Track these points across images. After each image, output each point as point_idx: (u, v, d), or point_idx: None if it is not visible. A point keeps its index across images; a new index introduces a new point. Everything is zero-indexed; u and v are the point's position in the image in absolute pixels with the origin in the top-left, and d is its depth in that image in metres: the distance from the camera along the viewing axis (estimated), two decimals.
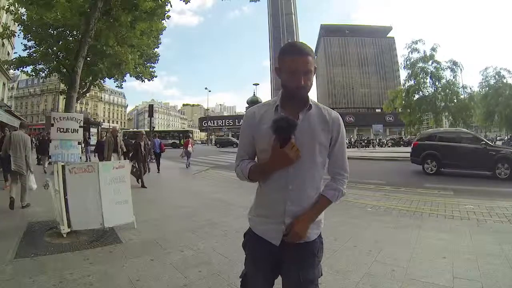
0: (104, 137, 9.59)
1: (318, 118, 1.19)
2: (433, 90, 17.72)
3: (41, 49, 12.43)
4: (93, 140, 17.55)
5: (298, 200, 1.16)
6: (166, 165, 12.71)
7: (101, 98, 71.55)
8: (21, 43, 13.19)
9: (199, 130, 76.24)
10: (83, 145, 11.12)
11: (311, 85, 1.14)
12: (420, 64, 17.96)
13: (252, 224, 1.27)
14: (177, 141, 38.85)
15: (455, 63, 17.74)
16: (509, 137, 25.89)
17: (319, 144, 1.16)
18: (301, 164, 1.12)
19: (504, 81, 23.74)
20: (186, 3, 9.87)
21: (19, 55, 12.93)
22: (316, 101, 1.25)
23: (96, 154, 10.90)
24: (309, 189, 1.18)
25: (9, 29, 12.42)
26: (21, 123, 7.88)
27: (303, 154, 1.10)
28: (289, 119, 1.05)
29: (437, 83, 17.56)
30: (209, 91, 51.86)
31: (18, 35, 12.91)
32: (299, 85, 1.11)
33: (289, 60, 1.12)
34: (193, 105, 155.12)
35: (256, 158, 1.26)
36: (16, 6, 10.47)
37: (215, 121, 65.74)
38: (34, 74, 13.43)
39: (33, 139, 15.96)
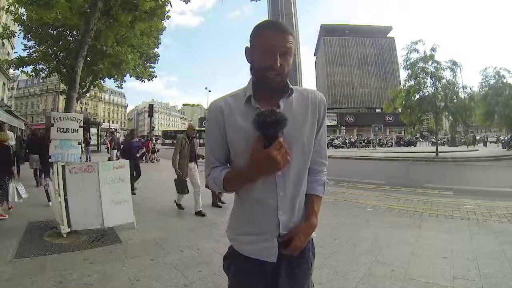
0: (130, 136, 7.54)
1: (302, 104, 1.00)
2: (433, 90, 17.70)
3: (41, 49, 12.42)
4: (93, 140, 17.55)
5: (291, 207, 0.97)
6: (167, 165, 12.66)
7: (101, 98, 71.54)
8: (21, 43, 13.15)
9: None
10: (83, 145, 11.05)
11: (289, 71, 0.94)
12: (420, 64, 17.94)
13: (237, 245, 1.01)
14: None
15: (455, 63, 17.71)
16: (509, 137, 25.87)
17: (307, 136, 0.98)
18: (291, 163, 0.91)
19: (504, 81, 23.74)
20: (186, 3, 9.89)
21: (19, 55, 12.93)
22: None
23: (120, 156, 8.36)
24: (301, 192, 1.00)
25: (9, 29, 12.43)
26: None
27: (292, 153, 0.90)
28: (277, 112, 0.84)
29: (437, 83, 17.53)
30: (209, 91, 51.70)
31: (18, 35, 12.90)
32: (274, 66, 0.90)
33: (264, 36, 0.92)
34: (193, 105, 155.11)
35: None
36: (16, 6, 10.48)
37: None
38: (34, 74, 13.41)
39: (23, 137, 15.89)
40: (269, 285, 1.01)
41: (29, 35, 12.08)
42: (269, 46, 0.90)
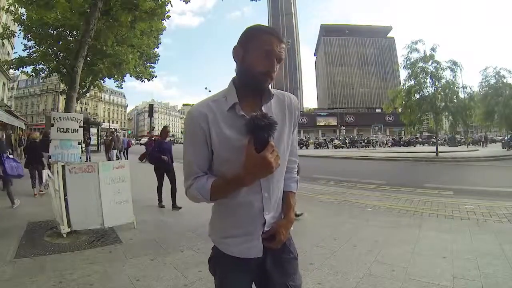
0: (163, 134, 5.56)
1: (280, 108, 1.01)
2: (433, 90, 17.70)
3: (41, 49, 12.42)
4: (93, 140, 17.56)
5: (274, 206, 1.02)
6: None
7: (101, 98, 71.58)
8: (21, 43, 13.12)
9: None
10: (83, 145, 11.01)
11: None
12: (420, 64, 17.93)
13: (225, 248, 1.03)
14: None
15: (455, 63, 17.70)
16: (509, 137, 25.87)
17: (286, 139, 1.01)
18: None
19: (504, 81, 23.73)
20: (186, 3, 9.89)
21: (19, 55, 12.93)
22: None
23: (149, 160, 7.07)
24: (281, 191, 1.05)
25: (9, 29, 12.44)
26: None
27: None
28: (268, 117, 0.84)
29: (437, 83, 17.53)
30: (209, 91, 51.59)
31: (18, 35, 12.90)
32: (270, 70, 0.91)
33: (265, 41, 0.90)
34: (193, 105, 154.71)
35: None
36: (16, 6, 10.48)
37: None
38: (34, 74, 13.42)
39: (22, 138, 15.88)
40: (256, 278, 1.05)
41: (29, 35, 12.08)
42: (270, 52, 0.90)
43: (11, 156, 5.34)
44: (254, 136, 0.84)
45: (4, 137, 11.38)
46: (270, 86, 0.97)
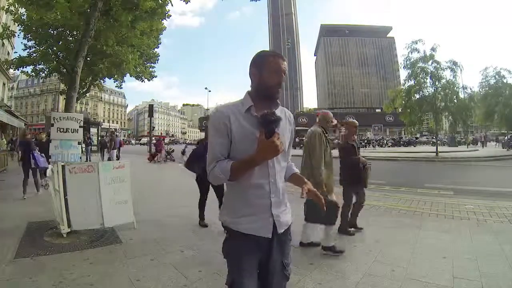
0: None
1: (283, 116, 1.30)
2: (433, 90, 17.70)
3: (41, 49, 12.41)
4: (93, 141, 17.57)
5: (277, 191, 1.26)
6: (169, 165, 12.70)
7: (101, 98, 71.56)
8: (21, 43, 13.14)
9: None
10: (83, 145, 10.99)
11: None
12: (420, 64, 17.93)
13: (237, 226, 1.24)
14: None
15: (455, 63, 17.70)
16: (509, 137, 25.87)
17: (287, 139, 1.32)
18: (277, 157, 1.22)
19: (504, 81, 23.73)
20: (186, 3, 9.89)
21: (19, 55, 12.92)
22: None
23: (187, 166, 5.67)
24: (282, 181, 1.31)
25: (9, 29, 12.42)
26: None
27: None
28: (275, 114, 1.13)
29: (437, 83, 17.53)
30: (209, 91, 51.81)
31: (18, 35, 12.90)
32: (281, 82, 1.25)
33: (274, 60, 1.24)
34: (193, 105, 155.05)
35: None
36: (16, 6, 10.48)
37: None
38: (34, 74, 13.40)
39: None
40: (263, 257, 1.26)
41: (29, 35, 12.07)
42: (280, 69, 1.24)
43: (38, 152, 6.20)
44: (265, 127, 1.11)
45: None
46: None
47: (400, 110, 21.80)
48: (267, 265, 1.27)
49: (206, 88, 57.83)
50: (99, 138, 19.04)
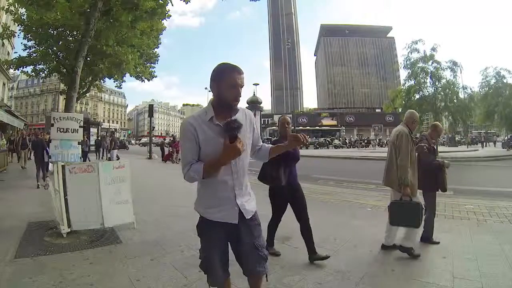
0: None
1: (243, 118, 1.49)
2: (433, 90, 17.71)
3: (41, 49, 12.39)
4: (93, 141, 17.57)
5: (240, 184, 1.48)
6: (170, 166, 12.69)
7: (101, 98, 71.47)
8: (21, 43, 13.08)
9: None
10: (83, 146, 10.93)
11: None
12: (420, 64, 17.95)
13: (208, 215, 1.49)
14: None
15: (455, 63, 17.73)
16: (509, 137, 25.87)
17: (248, 138, 1.52)
18: (240, 157, 1.41)
19: (504, 81, 23.75)
20: (186, 3, 9.87)
21: (19, 55, 12.91)
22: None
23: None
24: (246, 174, 1.53)
25: (9, 29, 12.40)
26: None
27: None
28: (237, 121, 1.34)
29: (437, 83, 17.55)
30: (209, 91, 51.37)
31: (18, 35, 12.88)
32: (238, 97, 1.42)
33: (230, 76, 1.39)
34: (193, 105, 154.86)
35: None
36: (16, 6, 10.46)
37: None
38: (34, 74, 13.39)
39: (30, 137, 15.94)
40: (231, 239, 1.53)
41: (29, 35, 12.05)
42: (236, 84, 1.39)
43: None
44: (228, 133, 1.33)
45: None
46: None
47: (400, 110, 21.82)
48: (240, 247, 1.51)
49: (206, 88, 57.67)
50: (97, 138, 19.13)
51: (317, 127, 52.73)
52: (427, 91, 17.95)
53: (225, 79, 1.38)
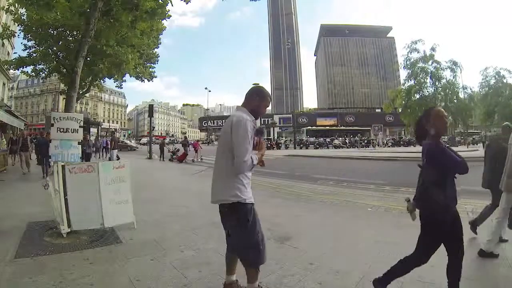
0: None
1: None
2: (433, 90, 17.73)
3: (41, 49, 12.40)
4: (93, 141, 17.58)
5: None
6: (170, 165, 12.68)
7: (101, 98, 71.47)
8: (21, 43, 13.10)
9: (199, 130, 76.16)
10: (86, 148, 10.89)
11: None
12: (420, 64, 17.95)
13: (251, 200, 1.91)
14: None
15: (455, 63, 17.74)
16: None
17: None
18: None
19: (504, 81, 23.76)
20: (186, 3, 9.88)
21: (19, 55, 12.91)
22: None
23: None
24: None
25: (9, 29, 12.41)
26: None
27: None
28: (263, 128, 1.64)
29: (437, 83, 17.55)
30: (209, 91, 51.81)
31: (18, 35, 12.89)
32: (264, 113, 2.20)
33: (267, 101, 2.06)
34: (193, 105, 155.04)
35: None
36: (16, 6, 10.46)
37: (215, 121, 65.85)
38: (34, 74, 13.39)
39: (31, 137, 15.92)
40: None
41: (29, 35, 12.05)
42: (266, 106, 2.07)
43: None
44: (259, 136, 1.96)
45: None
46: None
47: (400, 110, 21.83)
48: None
49: (206, 88, 57.90)
50: (111, 136, 19.18)
51: (343, 127, 52.45)
52: (427, 91, 17.97)
53: (266, 101, 2.02)
